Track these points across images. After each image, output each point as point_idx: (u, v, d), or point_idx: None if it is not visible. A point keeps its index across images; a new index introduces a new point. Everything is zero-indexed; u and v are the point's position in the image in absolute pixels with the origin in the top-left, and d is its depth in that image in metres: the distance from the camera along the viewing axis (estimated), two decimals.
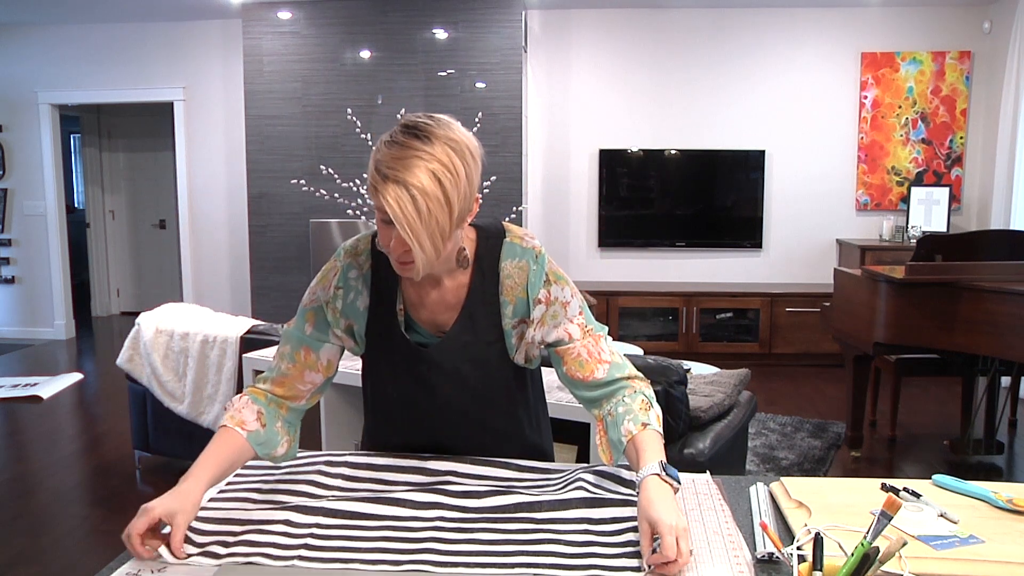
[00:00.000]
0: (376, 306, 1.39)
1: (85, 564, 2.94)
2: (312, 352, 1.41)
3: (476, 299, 1.37)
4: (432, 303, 1.39)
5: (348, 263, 1.40)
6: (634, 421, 1.31)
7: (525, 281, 1.37)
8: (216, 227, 6.87)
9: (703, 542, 1.20)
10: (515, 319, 1.39)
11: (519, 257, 1.38)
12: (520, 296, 1.38)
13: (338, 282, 1.40)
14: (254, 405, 1.37)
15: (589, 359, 1.38)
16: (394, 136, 1.22)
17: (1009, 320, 3.25)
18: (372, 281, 1.39)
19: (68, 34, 6.79)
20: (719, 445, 2.87)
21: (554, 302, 1.38)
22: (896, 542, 0.96)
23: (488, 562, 1.14)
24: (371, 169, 1.22)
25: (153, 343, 3.68)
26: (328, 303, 1.40)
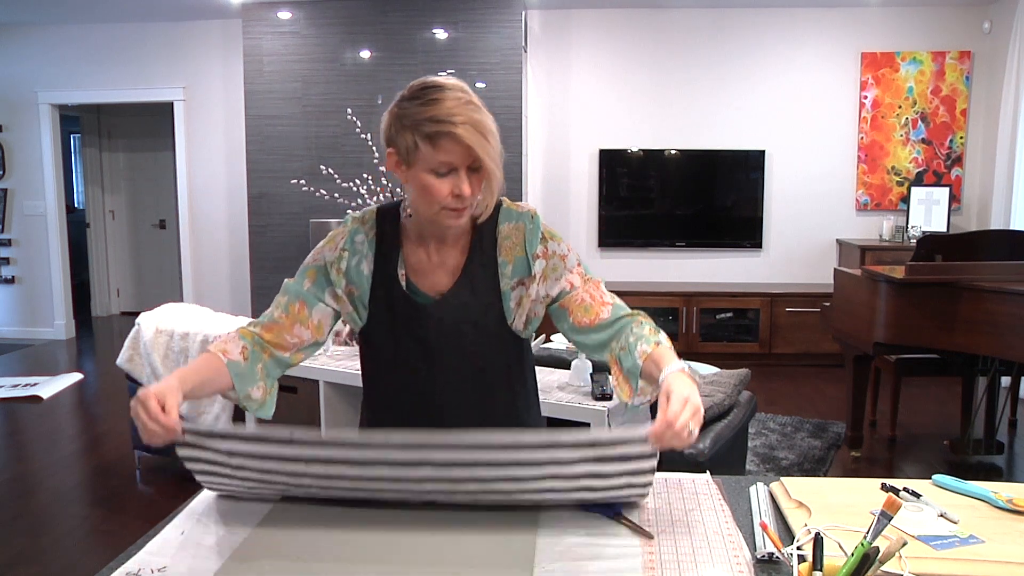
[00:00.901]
0: (379, 271, 1.43)
1: (85, 564, 2.94)
2: (306, 307, 1.44)
3: (475, 261, 1.42)
4: (433, 267, 1.43)
5: (355, 228, 1.45)
6: (646, 342, 1.34)
7: (523, 240, 1.42)
8: (216, 227, 6.87)
9: (703, 542, 1.20)
10: (514, 279, 1.43)
11: (515, 220, 1.44)
12: (519, 255, 1.42)
13: (345, 244, 1.44)
14: (240, 341, 1.41)
15: (593, 303, 1.42)
16: (422, 95, 1.30)
17: (1009, 320, 3.24)
18: (376, 247, 1.44)
19: (68, 34, 6.79)
20: (719, 445, 2.87)
21: (552, 255, 1.43)
22: (896, 542, 0.96)
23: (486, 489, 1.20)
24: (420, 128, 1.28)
25: (153, 343, 3.68)
26: (332, 263, 1.44)
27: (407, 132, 1.29)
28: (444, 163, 1.28)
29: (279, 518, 1.29)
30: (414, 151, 1.30)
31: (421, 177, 1.31)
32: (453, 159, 1.28)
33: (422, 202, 1.34)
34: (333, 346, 3.02)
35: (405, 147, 1.31)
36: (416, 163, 1.30)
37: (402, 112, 1.30)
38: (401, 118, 1.30)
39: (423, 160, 1.29)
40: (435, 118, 1.27)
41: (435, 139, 1.27)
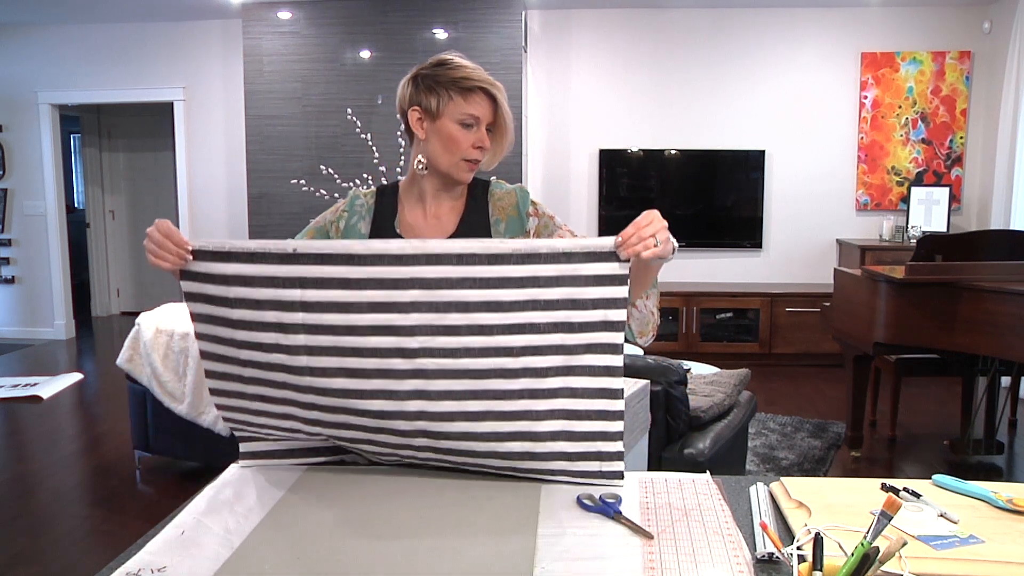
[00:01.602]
0: (376, 230, 1.59)
1: (85, 564, 2.94)
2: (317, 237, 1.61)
3: (470, 221, 1.57)
4: (429, 225, 1.58)
5: (356, 195, 1.63)
6: None
7: (515, 202, 1.58)
8: (216, 227, 6.87)
9: (703, 542, 1.20)
10: (508, 235, 1.57)
11: (506, 189, 1.61)
12: (512, 214, 1.57)
13: (345, 207, 1.62)
14: None
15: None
16: (449, 61, 1.51)
17: (1009, 320, 3.25)
18: (375, 210, 1.61)
19: (68, 34, 6.79)
20: (719, 445, 2.87)
21: (543, 215, 1.59)
22: (896, 542, 0.96)
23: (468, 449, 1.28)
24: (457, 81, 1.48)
25: (153, 343, 3.68)
26: (332, 223, 1.61)
27: (440, 88, 1.49)
28: (471, 115, 1.49)
29: (279, 520, 1.29)
30: (445, 103, 1.49)
31: (448, 127, 1.50)
32: (480, 113, 1.50)
33: (444, 152, 1.51)
34: None
35: (435, 101, 1.49)
36: (444, 114, 1.49)
37: (431, 74, 1.50)
38: (431, 78, 1.50)
39: (452, 112, 1.49)
40: (469, 76, 1.49)
41: (468, 93, 1.48)
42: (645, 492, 1.39)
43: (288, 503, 1.34)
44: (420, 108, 1.51)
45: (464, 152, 1.51)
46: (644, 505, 1.33)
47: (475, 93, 1.49)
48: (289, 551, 1.18)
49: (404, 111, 1.54)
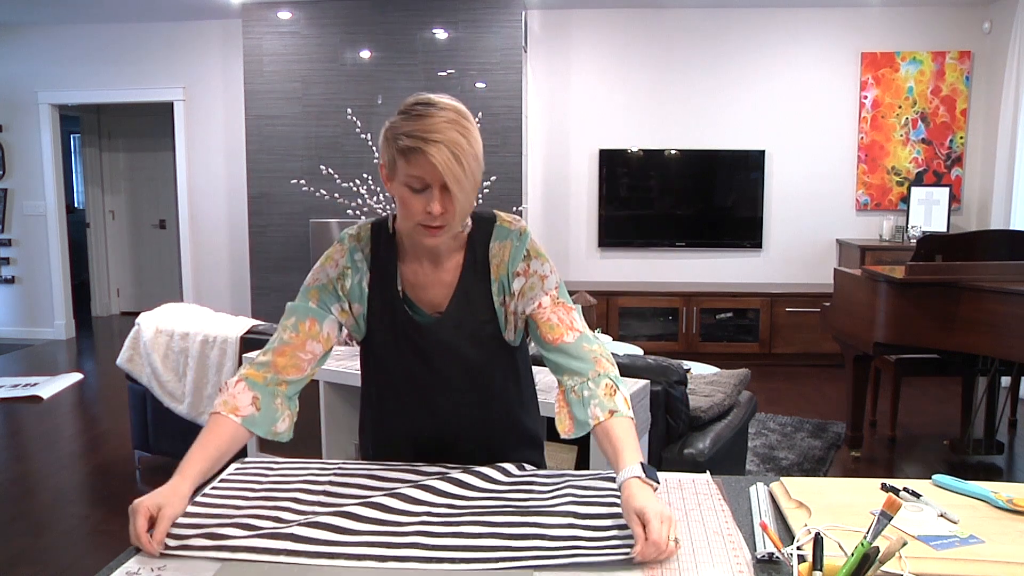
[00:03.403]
0: (377, 286, 1.45)
1: (85, 564, 2.94)
2: (317, 323, 1.44)
3: (469, 278, 1.45)
4: (430, 283, 1.45)
5: (353, 245, 1.46)
6: (600, 407, 1.35)
7: (507, 258, 1.44)
8: (216, 227, 6.87)
9: (703, 542, 1.20)
10: (500, 297, 1.46)
11: (505, 238, 1.45)
12: (503, 273, 1.45)
13: (346, 262, 1.46)
14: (250, 391, 1.38)
15: (559, 324, 1.43)
16: (412, 110, 1.31)
17: (1009, 320, 3.25)
18: (372, 263, 1.46)
19: (68, 34, 6.78)
20: (719, 445, 2.87)
21: (532, 275, 1.45)
22: (896, 542, 0.96)
23: (473, 557, 1.15)
24: (397, 140, 1.29)
25: (153, 343, 3.68)
26: (336, 280, 1.45)
27: (388, 145, 1.32)
28: (416, 178, 1.29)
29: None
30: (393, 163, 1.32)
31: (399, 190, 1.33)
32: (425, 175, 1.28)
33: (401, 216, 1.37)
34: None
35: (388, 160, 1.34)
36: (395, 176, 1.32)
37: (391, 125, 1.33)
38: (389, 130, 1.32)
39: (400, 173, 1.31)
40: (412, 133, 1.28)
41: (408, 153, 1.28)
42: None
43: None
44: (384, 163, 1.36)
45: (416, 217, 1.32)
46: None
47: (416, 153, 1.27)
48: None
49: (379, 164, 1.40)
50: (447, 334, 1.45)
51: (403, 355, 1.47)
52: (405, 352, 1.46)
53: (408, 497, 1.31)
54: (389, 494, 1.32)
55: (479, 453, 1.51)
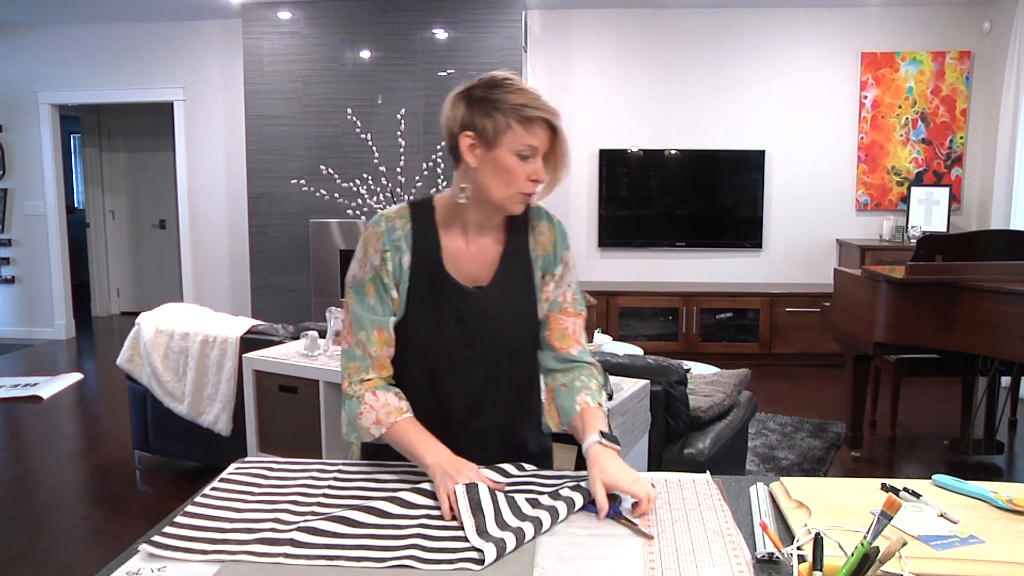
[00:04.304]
0: (419, 262, 1.47)
1: (85, 564, 2.94)
2: (384, 330, 1.48)
3: (512, 252, 1.51)
4: (472, 257, 1.49)
5: (389, 227, 1.47)
6: (591, 397, 1.48)
7: (554, 239, 1.54)
8: (216, 227, 6.87)
9: (703, 542, 1.20)
10: (541, 272, 1.53)
11: (547, 219, 1.56)
12: (549, 251, 1.53)
13: (384, 245, 1.46)
14: (388, 391, 1.47)
15: (570, 336, 1.54)
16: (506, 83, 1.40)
17: (1009, 320, 3.25)
18: (413, 239, 1.47)
19: (68, 34, 6.79)
20: (719, 445, 2.87)
21: (568, 266, 1.56)
22: (896, 542, 0.96)
23: (471, 557, 1.15)
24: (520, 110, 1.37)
25: (153, 343, 3.68)
26: (380, 267, 1.46)
27: (499, 114, 1.37)
28: (530, 146, 1.38)
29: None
30: (503, 132, 1.37)
31: (504, 158, 1.38)
32: (539, 144, 1.38)
33: (498, 184, 1.40)
34: (333, 346, 3.01)
35: (493, 128, 1.37)
36: (501, 144, 1.37)
37: (488, 97, 1.38)
38: (489, 102, 1.37)
39: (511, 142, 1.37)
40: (532, 104, 1.37)
41: (529, 123, 1.37)
42: None
43: None
44: (474, 133, 1.38)
45: (520, 185, 1.39)
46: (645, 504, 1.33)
47: (536, 123, 1.37)
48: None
49: (453, 133, 1.41)
50: (492, 304, 1.48)
51: (443, 328, 1.47)
52: (446, 325, 1.47)
53: (406, 502, 1.31)
54: (388, 498, 1.32)
55: (503, 436, 1.53)
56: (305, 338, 2.99)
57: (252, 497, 1.36)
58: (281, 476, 1.45)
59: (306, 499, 1.35)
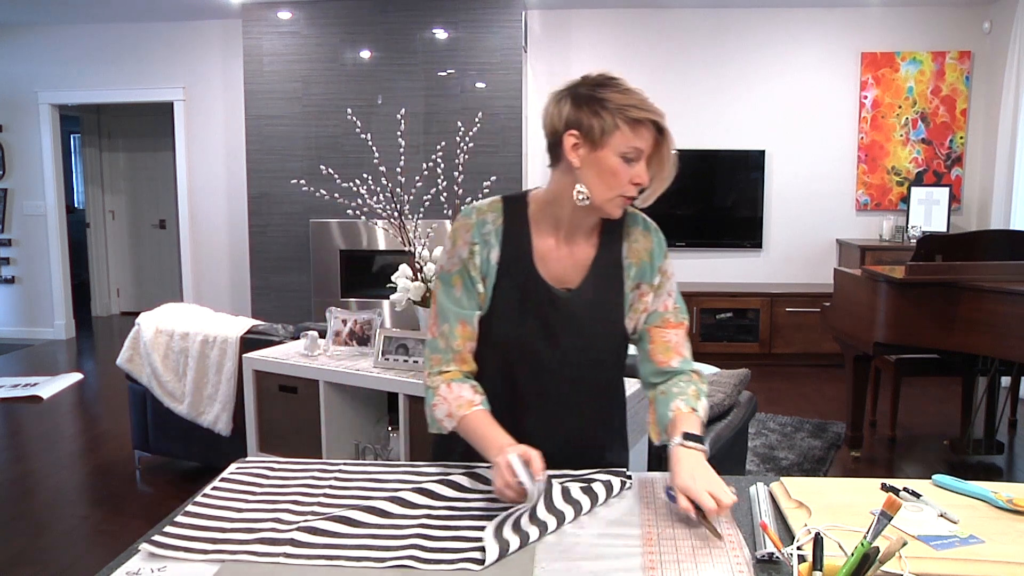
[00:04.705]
0: (508, 258, 1.45)
1: (85, 564, 2.94)
2: (468, 324, 1.47)
3: (603, 259, 1.47)
4: (561, 258, 1.46)
5: (480, 219, 1.46)
6: (686, 402, 1.44)
7: (651, 247, 1.50)
8: (216, 227, 6.87)
9: (703, 542, 1.20)
10: (635, 281, 1.49)
11: (643, 226, 1.52)
12: (645, 260, 1.49)
13: (473, 237, 1.45)
14: (464, 383, 1.45)
15: (672, 348, 1.50)
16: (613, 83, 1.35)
17: (1009, 320, 3.24)
18: (503, 235, 1.45)
19: (68, 34, 6.78)
20: (719, 445, 2.87)
21: (668, 276, 1.52)
22: (896, 542, 0.96)
23: (471, 557, 1.15)
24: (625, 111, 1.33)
25: (153, 343, 3.68)
26: (468, 260, 1.45)
27: (606, 114, 1.33)
28: (635, 148, 1.34)
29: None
30: (611, 132, 1.33)
31: (608, 159, 1.35)
32: (644, 146, 1.35)
33: (601, 186, 1.37)
34: (333, 346, 3.01)
35: (600, 128, 1.34)
36: (606, 145, 1.34)
37: (594, 96, 1.34)
38: (598, 101, 1.33)
39: (617, 143, 1.34)
40: (641, 106, 1.33)
41: (637, 124, 1.33)
42: (645, 492, 1.39)
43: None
44: (579, 132, 1.35)
45: (623, 188, 1.36)
46: (644, 505, 1.33)
47: (643, 125, 1.33)
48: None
49: (557, 132, 1.37)
50: (580, 309, 1.45)
51: (527, 328, 1.45)
52: (531, 325, 1.45)
53: (407, 501, 1.31)
54: (388, 498, 1.32)
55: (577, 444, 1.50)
56: (305, 338, 2.98)
57: (253, 497, 1.36)
58: (282, 476, 1.45)
59: (307, 499, 1.35)
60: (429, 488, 1.35)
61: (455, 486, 1.37)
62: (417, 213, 3.06)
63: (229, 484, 1.42)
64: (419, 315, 2.83)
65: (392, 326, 4.78)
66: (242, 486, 1.41)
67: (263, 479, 1.44)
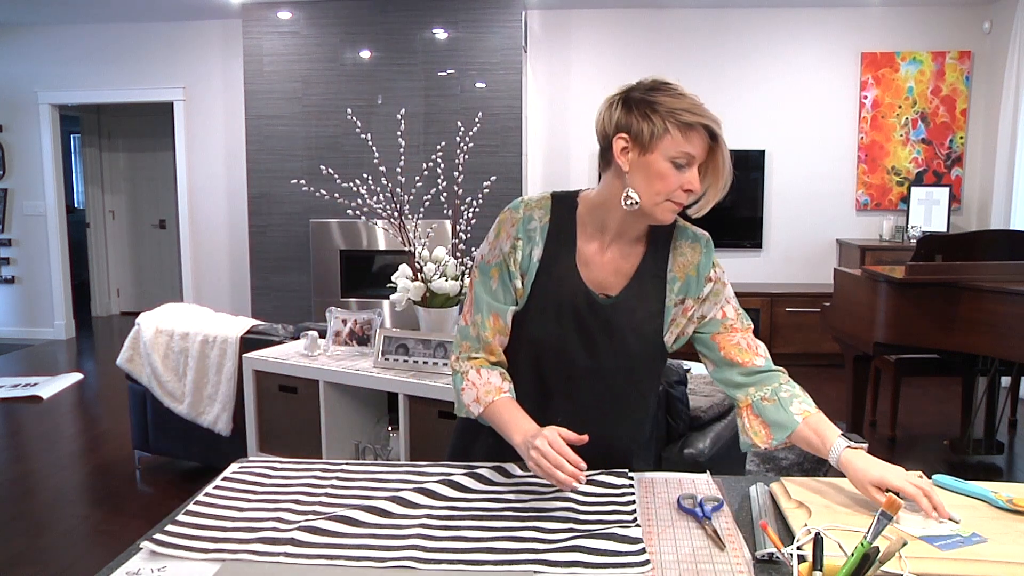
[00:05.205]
0: (551, 257, 1.44)
1: (85, 564, 2.94)
2: (500, 318, 1.46)
3: (647, 269, 1.45)
4: (604, 264, 1.45)
5: (527, 215, 1.45)
6: (807, 404, 1.42)
7: (698, 260, 1.47)
8: (216, 227, 6.87)
9: (703, 542, 1.20)
10: (679, 296, 1.46)
11: (692, 239, 1.50)
12: (691, 274, 1.46)
13: (517, 232, 1.44)
14: (493, 370, 1.46)
15: (748, 349, 1.47)
16: (667, 88, 1.36)
17: (1009, 320, 3.24)
18: (549, 233, 1.44)
19: (68, 34, 6.79)
20: (719, 445, 2.87)
21: (718, 281, 1.48)
22: (896, 542, 0.96)
23: (472, 559, 1.15)
24: (676, 115, 1.32)
25: (153, 343, 3.68)
26: (509, 254, 1.44)
27: (656, 117, 1.32)
28: (686, 153, 1.32)
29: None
30: (660, 136, 1.32)
31: (658, 164, 1.33)
32: (696, 152, 1.33)
33: (649, 189, 1.35)
34: (333, 346, 3.01)
35: (649, 132, 1.33)
36: (656, 149, 1.33)
37: (646, 99, 1.34)
38: (647, 104, 1.34)
39: (667, 147, 1.32)
40: (693, 110, 1.32)
41: (688, 129, 1.32)
42: (645, 492, 1.39)
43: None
44: (629, 136, 1.34)
45: (671, 193, 1.35)
46: (644, 505, 1.33)
47: (695, 130, 1.32)
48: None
49: (608, 136, 1.37)
50: (618, 316, 1.43)
51: (563, 331, 1.44)
52: (567, 328, 1.44)
53: (408, 501, 1.31)
54: (390, 498, 1.32)
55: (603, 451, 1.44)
56: (305, 338, 2.98)
57: (255, 496, 1.36)
58: (284, 476, 1.46)
59: (308, 499, 1.35)
60: (430, 488, 1.35)
61: (456, 486, 1.37)
62: (417, 213, 3.06)
63: (231, 484, 1.42)
64: (419, 315, 2.83)
65: (392, 326, 4.77)
66: (244, 485, 1.41)
67: (265, 479, 1.44)
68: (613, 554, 1.14)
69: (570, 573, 1.10)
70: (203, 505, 1.32)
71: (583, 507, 1.30)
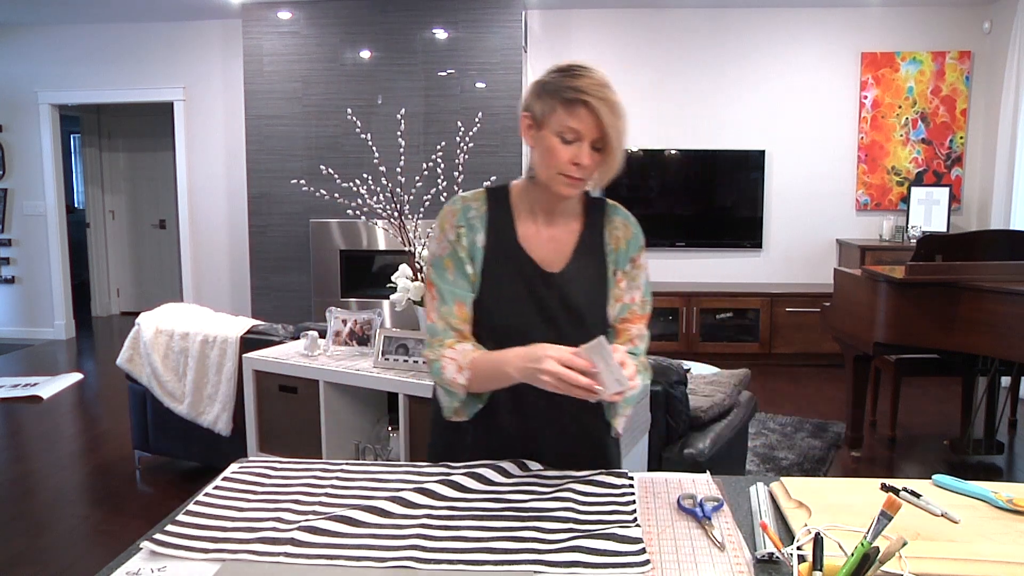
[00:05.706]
0: (494, 242, 1.50)
1: (85, 564, 2.94)
2: (464, 305, 1.49)
3: (587, 243, 1.52)
4: (544, 243, 1.51)
5: (465, 205, 1.51)
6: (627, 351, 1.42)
7: (629, 236, 1.54)
8: (216, 227, 6.87)
9: (703, 542, 1.20)
10: (613, 267, 1.54)
11: (623, 217, 1.56)
12: (622, 247, 1.53)
13: (458, 221, 1.50)
14: (467, 342, 1.47)
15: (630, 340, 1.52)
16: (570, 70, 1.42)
17: (1009, 320, 3.24)
18: (488, 220, 1.51)
19: (68, 34, 6.79)
20: (719, 445, 2.87)
21: (641, 267, 1.56)
22: (896, 542, 0.96)
23: (472, 559, 1.15)
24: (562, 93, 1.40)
25: (153, 343, 3.68)
26: (456, 243, 1.49)
27: (547, 96, 1.41)
28: (572, 129, 1.39)
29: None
30: (549, 114, 1.41)
31: (548, 139, 1.41)
32: (581, 128, 1.39)
33: (543, 164, 1.44)
34: (333, 346, 3.01)
35: (541, 110, 1.42)
36: (547, 125, 1.41)
37: (547, 81, 1.43)
38: (544, 85, 1.43)
39: (553, 123, 1.40)
40: (576, 88, 1.39)
41: (571, 105, 1.39)
42: (645, 492, 1.39)
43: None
44: (531, 114, 1.45)
45: (560, 167, 1.41)
46: (644, 505, 1.33)
47: (579, 106, 1.39)
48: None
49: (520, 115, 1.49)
50: (570, 286, 1.48)
51: (520, 308, 1.48)
52: (523, 304, 1.48)
53: (408, 501, 1.31)
54: (390, 498, 1.32)
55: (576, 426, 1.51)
56: (305, 338, 2.98)
57: (255, 496, 1.37)
58: (284, 476, 1.46)
59: (308, 499, 1.35)
60: (430, 488, 1.35)
61: (456, 486, 1.37)
62: (417, 213, 3.06)
63: (231, 483, 1.42)
64: (419, 315, 2.83)
65: (392, 326, 4.77)
66: (244, 486, 1.41)
67: (265, 479, 1.44)
68: (613, 554, 1.14)
69: (570, 573, 1.10)
70: (203, 505, 1.32)
71: (583, 507, 1.30)
